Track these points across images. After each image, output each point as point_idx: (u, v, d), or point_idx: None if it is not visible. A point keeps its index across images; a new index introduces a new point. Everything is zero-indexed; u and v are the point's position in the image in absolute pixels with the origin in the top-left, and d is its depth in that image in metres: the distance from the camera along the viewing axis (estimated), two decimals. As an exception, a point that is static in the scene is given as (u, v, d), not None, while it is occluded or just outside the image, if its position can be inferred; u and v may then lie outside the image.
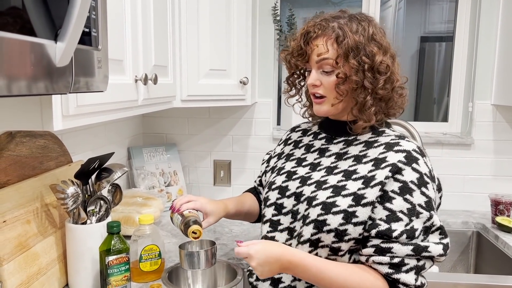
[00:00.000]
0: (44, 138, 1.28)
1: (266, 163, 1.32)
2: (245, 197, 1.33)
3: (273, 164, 1.22)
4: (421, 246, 0.93)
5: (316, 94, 1.06)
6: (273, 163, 1.23)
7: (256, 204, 1.33)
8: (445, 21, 3.17)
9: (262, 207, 1.16)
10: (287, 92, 1.18)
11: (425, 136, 2.05)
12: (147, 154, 2.07)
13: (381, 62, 0.99)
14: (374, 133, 1.07)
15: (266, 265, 0.96)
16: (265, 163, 1.33)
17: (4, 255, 1.04)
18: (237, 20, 1.77)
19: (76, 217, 1.19)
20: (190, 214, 1.13)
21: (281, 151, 1.23)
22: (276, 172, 1.16)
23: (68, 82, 0.68)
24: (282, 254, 0.96)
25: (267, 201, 1.13)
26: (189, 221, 1.09)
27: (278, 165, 1.19)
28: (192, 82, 1.66)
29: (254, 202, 1.33)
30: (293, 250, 0.99)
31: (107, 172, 1.25)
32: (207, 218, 1.17)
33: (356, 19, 1.02)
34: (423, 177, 0.97)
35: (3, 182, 1.11)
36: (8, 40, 0.53)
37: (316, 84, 1.04)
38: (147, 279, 1.28)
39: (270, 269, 0.97)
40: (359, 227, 0.96)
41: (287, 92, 1.18)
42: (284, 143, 1.24)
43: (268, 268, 0.96)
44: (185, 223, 1.10)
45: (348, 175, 1.01)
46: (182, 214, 1.14)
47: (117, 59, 1.11)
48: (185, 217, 1.12)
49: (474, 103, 2.05)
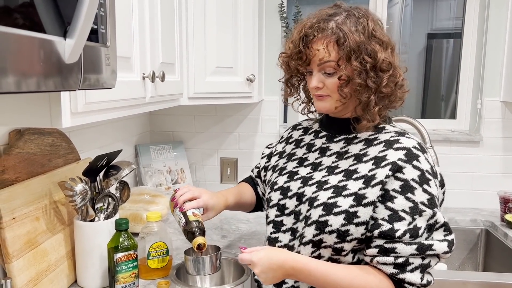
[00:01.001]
0: (52, 135, 1.29)
1: (266, 159, 1.30)
2: (243, 188, 1.32)
3: (274, 163, 1.21)
4: (425, 245, 0.92)
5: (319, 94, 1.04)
6: (274, 161, 1.22)
7: (253, 195, 1.33)
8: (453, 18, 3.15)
9: (265, 207, 1.16)
10: (287, 94, 1.16)
11: (433, 133, 2.04)
12: (154, 151, 2.08)
13: (384, 60, 0.96)
14: (375, 130, 1.05)
15: (269, 272, 0.96)
16: (265, 158, 1.31)
17: (14, 252, 1.04)
18: (244, 17, 1.77)
19: (84, 214, 1.20)
20: (194, 217, 1.09)
21: (282, 150, 1.22)
22: (278, 172, 1.15)
23: (77, 78, 0.68)
24: (285, 261, 0.96)
25: (269, 202, 1.12)
26: (194, 230, 1.06)
27: (279, 164, 1.17)
28: (199, 79, 1.66)
29: (251, 194, 1.33)
30: (296, 256, 0.98)
31: (115, 169, 1.26)
32: (207, 213, 1.16)
33: (354, 15, 0.99)
34: (425, 174, 0.96)
35: (12, 179, 1.11)
36: (18, 37, 0.53)
37: (319, 87, 1.01)
38: (155, 276, 1.28)
39: (273, 275, 0.96)
40: (361, 227, 0.95)
41: (287, 94, 1.16)
42: (286, 142, 1.23)
43: (272, 275, 0.96)
44: (190, 231, 1.07)
45: (348, 175, 1.00)
46: (185, 214, 1.10)
47: (125, 57, 1.11)
48: (189, 220, 1.08)
49: (482, 100, 2.03)
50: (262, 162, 1.32)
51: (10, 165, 1.11)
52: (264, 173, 1.29)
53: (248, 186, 1.35)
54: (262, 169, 1.30)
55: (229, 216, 1.89)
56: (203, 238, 1.05)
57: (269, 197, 1.13)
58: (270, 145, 1.36)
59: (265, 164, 1.29)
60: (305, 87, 1.15)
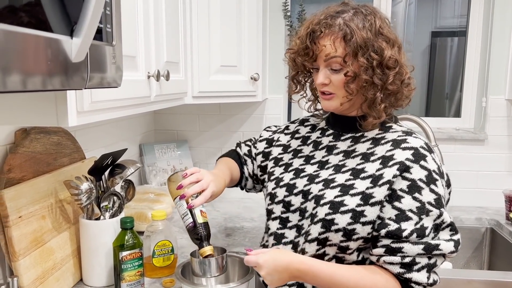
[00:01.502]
0: (57, 134, 1.29)
1: (266, 144, 1.26)
2: (231, 166, 1.27)
3: (277, 155, 1.19)
4: (432, 245, 0.92)
5: (325, 92, 1.03)
6: (277, 153, 1.19)
7: (238, 173, 1.29)
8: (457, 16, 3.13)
9: (269, 203, 1.13)
10: (293, 91, 1.16)
11: (437, 131, 2.03)
12: (158, 150, 2.08)
13: (390, 57, 0.96)
14: (382, 129, 1.05)
15: (275, 274, 0.96)
16: (264, 142, 1.27)
17: (20, 250, 1.05)
18: (248, 16, 1.77)
19: (89, 213, 1.20)
20: (202, 218, 1.06)
21: (287, 143, 1.20)
22: (283, 167, 1.14)
23: (83, 77, 0.68)
24: (290, 263, 0.96)
25: (274, 198, 1.11)
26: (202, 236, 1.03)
27: (284, 159, 1.16)
28: (203, 78, 1.67)
29: (237, 172, 1.28)
30: (302, 258, 0.98)
31: (120, 168, 1.26)
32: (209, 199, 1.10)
33: (361, 13, 0.99)
34: (432, 174, 0.96)
35: (18, 178, 1.12)
36: (25, 36, 0.53)
37: (325, 83, 1.01)
38: (160, 274, 1.29)
39: (279, 278, 0.96)
40: (367, 226, 0.95)
41: (293, 91, 1.16)
42: (292, 135, 1.21)
43: (278, 277, 0.96)
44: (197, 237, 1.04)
45: (356, 174, 1.00)
46: (192, 213, 1.05)
47: (130, 56, 1.12)
48: (198, 223, 1.04)
49: (487, 98, 2.02)
50: (260, 146, 1.27)
51: (16, 164, 1.12)
52: (262, 159, 1.25)
53: (234, 163, 1.29)
54: (260, 154, 1.26)
55: (233, 215, 1.89)
56: (211, 248, 1.04)
57: (274, 193, 1.12)
58: (268, 128, 1.32)
59: (264, 150, 1.25)
60: (311, 85, 1.15)
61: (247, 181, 1.32)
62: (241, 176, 1.31)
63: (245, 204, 2.07)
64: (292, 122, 1.27)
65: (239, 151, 1.34)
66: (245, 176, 1.31)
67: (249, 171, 1.30)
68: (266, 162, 1.23)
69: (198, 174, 1.08)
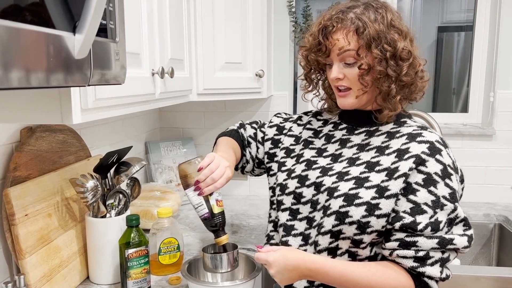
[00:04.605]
0: (63, 133, 1.30)
1: (276, 130, 1.23)
2: (235, 147, 1.24)
3: (288, 145, 1.18)
4: (446, 239, 0.92)
5: (340, 87, 1.03)
6: (288, 143, 1.18)
7: (240, 156, 1.26)
8: (464, 10, 3.10)
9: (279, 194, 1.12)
10: (305, 89, 1.15)
11: (445, 127, 2.01)
12: (164, 148, 2.08)
13: (403, 49, 0.97)
14: (396, 124, 1.05)
15: (285, 273, 0.96)
16: (274, 129, 1.24)
17: (27, 248, 1.05)
18: (252, 12, 1.76)
19: (95, 211, 1.20)
20: (218, 207, 1.06)
21: (299, 134, 1.18)
22: (294, 159, 1.13)
23: (86, 74, 0.68)
24: (301, 262, 0.95)
25: (285, 189, 1.10)
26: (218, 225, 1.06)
27: (296, 150, 1.15)
28: (208, 75, 1.66)
29: (239, 153, 1.26)
30: (312, 257, 0.97)
31: (125, 166, 1.26)
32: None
33: (372, 6, 1.00)
34: (447, 168, 0.96)
35: (24, 176, 1.12)
36: (27, 32, 0.53)
37: (340, 77, 1.01)
38: (166, 271, 1.29)
39: (289, 276, 0.96)
40: (382, 219, 0.94)
41: (305, 89, 1.15)
42: (304, 126, 1.19)
43: (287, 276, 0.96)
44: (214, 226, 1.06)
45: (371, 167, 0.99)
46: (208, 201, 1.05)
47: (134, 53, 1.11)
48: (214, 213, 1.05)
49: (495, 93, 2.00)
50: (269, 132, 1.24)
51: (22, 162, 1.12)
52: (271, 146, 1.22)
53: (236, 145, 1.26)
54: (269, 140, 1.23)
55: (240, 212, 1.89)
56: (227, 237, 1.08)
57: (285, 184, 1.10)
58: (279, 114, 1.29)
59: (273, 136, 1.23)
60: (324, 84, 1.14)
61: (247, 163, 1.29)
62: (241, 158, 1.28)
63: (251, 202, 2.07)
64: (306, 113, 1.25)
65: (243, 132, 1.30)
66: (246, 158, 1.28)
67: (252, 154, 1.27)
68: (275, 150, 1.21)
69: (213, 165, 1.06)
